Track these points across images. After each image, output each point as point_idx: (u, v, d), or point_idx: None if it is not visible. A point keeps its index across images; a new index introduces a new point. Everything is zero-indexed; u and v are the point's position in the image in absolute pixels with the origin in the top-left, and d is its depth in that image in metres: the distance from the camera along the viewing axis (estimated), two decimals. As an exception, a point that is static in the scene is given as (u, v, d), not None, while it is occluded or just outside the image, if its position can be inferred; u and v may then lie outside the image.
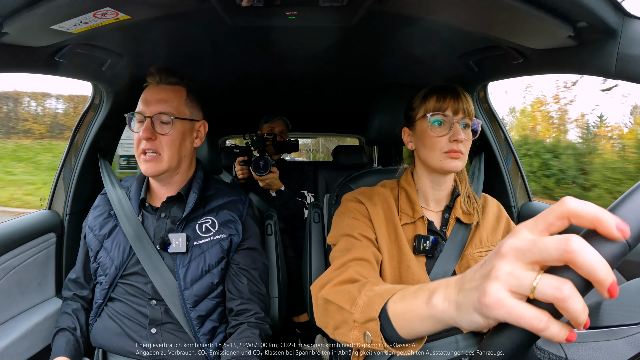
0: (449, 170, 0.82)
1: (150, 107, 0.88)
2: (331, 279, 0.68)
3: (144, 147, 0.87)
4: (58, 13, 0.65)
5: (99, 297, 0.92)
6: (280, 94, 1.76)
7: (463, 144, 0.81)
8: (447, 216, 0.88)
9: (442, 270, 0.82)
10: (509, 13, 0.66)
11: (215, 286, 0.91)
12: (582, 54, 0.73)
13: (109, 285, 0.90)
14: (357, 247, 0.76)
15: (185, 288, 0.88)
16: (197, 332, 0.88)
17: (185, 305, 0.87)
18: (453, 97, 0.81)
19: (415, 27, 0.84)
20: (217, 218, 0.95)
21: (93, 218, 0.98)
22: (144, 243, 0.90)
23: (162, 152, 0.88)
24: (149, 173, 0.89)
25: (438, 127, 0.81)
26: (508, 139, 1.33)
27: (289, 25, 0.85)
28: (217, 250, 0.92)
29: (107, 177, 1.05)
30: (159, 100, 0.89)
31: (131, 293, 0.90)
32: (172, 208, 0.94)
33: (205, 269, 0.90)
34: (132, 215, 0.93)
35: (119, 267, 0.90)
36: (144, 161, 0.88)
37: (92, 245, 0.95)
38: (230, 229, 0.95)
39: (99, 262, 0.93)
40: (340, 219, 0.86)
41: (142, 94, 0.91)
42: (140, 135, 0.86)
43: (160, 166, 0.88)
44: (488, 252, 0.85)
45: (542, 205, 1.30)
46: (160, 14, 0.75)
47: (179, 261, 0.89)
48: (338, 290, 0.63)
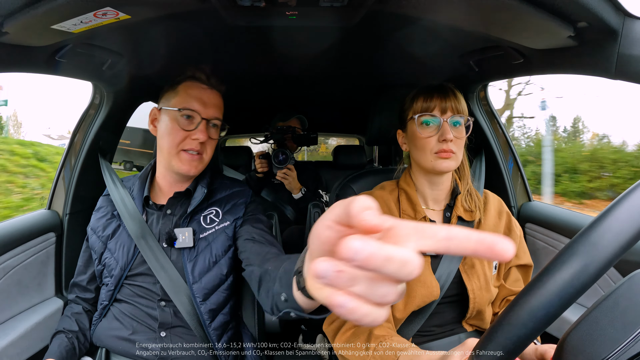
0: (441, 171, 0.82)
1: (208, 110, 0.89)
2: (339, 325, 0.77)
3: (191, 146, 0.88)
4: (58, 13, 0.65)
5: (105, 298, 0.91)
6: (280, 94, 1.76)
7: (454, 143, 0.80)
8: (448, 215, 0.88)
9: (446, 269, 0.83)
10: (509, 13, 0.66)
11: (224, 277, 0.90)
12: (582, 54, 0.73)
13: (114, 286, 0.89)
14: None
15: (194, 282, 0.87)
16: (208, 328, 0.86)
17: (195, 300, 0.86)
18: (440, 96, 0.81)
19: (416, 27, 0.84)
20: (221, 208, 0.95)
21: (96, 220, 0.97)
22: (149, 241, 0.89)
23: (204, 154, 0.91)
24: (191, 173, 0.89)
25: (426, 127, 0.81)
26: (508, 139, 1.33)
27: (289, 25, 0.85)
28: (222, 239, 0.91)
29: (109, 177, 1.04)
30: (215, 105, 0.91)
31: (139, 294, 0.89)
32: (178, 204, 0.94)
33: (212, 260, 0.89)
34: (136, 214, 0.92)
35: (124, 268, 0.89)
36: (186, 160, 0.88)
37: (95, 247, 0.94)
38: (235, 214, 0.94)
39: (104, 264, 0.92)
40: None
41: (192, 91, 0.89)
42: (196, 136, 0.87)
43: (201, 167, 0.91)
44: None
45: (542, 205, 1.30)
46: (161, 14, 0.75)
47: (187, 256, 0.88)
48: (347, 342, 0.73)
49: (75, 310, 0.96)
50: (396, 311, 0.79)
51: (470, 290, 0.82)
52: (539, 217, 1.25)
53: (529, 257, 0.91)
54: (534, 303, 0.36)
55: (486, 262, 0.85)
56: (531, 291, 0.36)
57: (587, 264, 0.34)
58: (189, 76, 0.91)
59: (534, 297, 0.36)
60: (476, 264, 0.83)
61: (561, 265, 0.35)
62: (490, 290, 0.83)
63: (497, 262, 0.87)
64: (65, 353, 0.87)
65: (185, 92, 0.89)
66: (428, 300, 0.80)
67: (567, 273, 0.34)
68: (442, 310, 0.85)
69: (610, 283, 0.97)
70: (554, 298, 0.35)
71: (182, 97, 0.89)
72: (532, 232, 1.26)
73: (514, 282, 0.91)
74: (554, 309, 0.35)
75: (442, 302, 0.83)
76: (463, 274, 0.83)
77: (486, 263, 0.85)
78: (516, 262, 0.89)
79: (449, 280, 0.82)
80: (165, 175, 0.95)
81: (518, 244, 0.90)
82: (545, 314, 0.35)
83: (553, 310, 0.35)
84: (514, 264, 0.89)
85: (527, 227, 1.28)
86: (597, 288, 0.98)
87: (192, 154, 0.88)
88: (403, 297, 0.27)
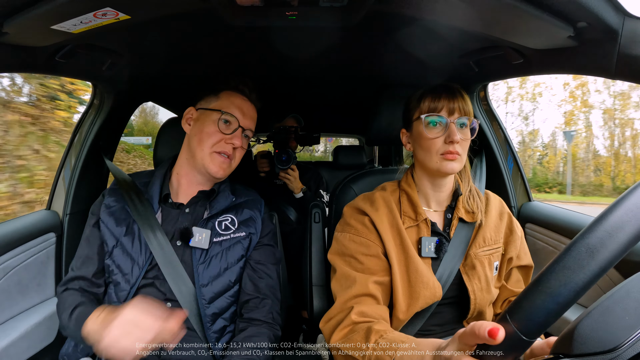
0: (446, 173, 0.81)
1: (246, 120, 0.96)
2: (338, 322, 0.76)
3: (225, 149, 0.92)
4: (58, 13, 0.65)
5: (116, 298, 0.87)
6: (280, 94, 1.76)
7: (460, 145, 0.80)
8: (449, 216, 0.88)
9: (447, 270, 0.83)
10: (509, 13, 0.66)
11: (232, 285, 0.91)
12: (582, 54, 0.73)
13: (131, 286, 0.85)
14: (357, 280, 0.78)
15: (202, 284, 0.87)
16: (208, 330, 0.87)
17: (200, 302, 0.87)
18: (448, 96, 0.80)
19: (416, 27, 0.84)
20: (237, 216, 0.97)
21: (108, 213, 0.92)
22: (163, 246, 0.87)
23: (233, 160, 0.95)
24: (219, 175, 0.92)
25: (433, 128, 0.80)
26: (508, 139, 1.33)
27: (289, 25, 0.85)
28: (238, 249, 0.93)
29: (117, 173, 1.02)
30: (252, 117, 0.98)
31: (147, 294, 0.86)
32: (198, 204, 0.95)
33: (224, 267, 0.90)
34: (152, 218, 0.90)
35: (142, 267, 0.86)
36: (220, 162, 0.92)
37: (107, 239, 0.89)
38: (250, 227, 0.96)
39: (113, 259, 0.88)
40: (342, 235, 0.86)
41: (235, 99, 0.96)
42: (232, 141, 0.92)
43: (229, 171, 0.95)
44: (491, 251, 0.86)
45: (542, 205, 1.30)
46: (161, 14, 0.75)
47: (198, 257, 0.89)
48: (346, 338, 0.71)
49: (80, 294, 0.87)
50: (399, 312, 0.79)
51: (471, 292, 0.82)
52: (539, 217, 1.25)
53: (529, 258, 0.91)
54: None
55: (487, 263, 0.85)
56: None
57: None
58: (232, 86, 0.97)
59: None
60: (477, 265, 0.83)
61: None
62: (490, 291, 0.83)
63: (497, 262, 0.87)
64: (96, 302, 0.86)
65: (228, 99, 0.95)
66: (431, 302, 0.80)
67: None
68: (443, 311, 0.85)
69: (611, 284, 0.97)
70: None
71: (224, 103, 0.95)
72: (532, 232, 1.26)
73: (516, 282, 0.91)
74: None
75: (443, 302, 0.83)
76: (464, 275, 0.83)
77: (487, 264, 0.84)
78: (517, 263, 0.89)
79: (450, 280, 0.82)
80: (189, 174, 0.96)
81: (519, 245, 0.89)
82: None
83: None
84: (515, 264, 0.89)
85: (527, 227, 1.28)
86: (598, 289, 0.98)
87: (224, 157, 0.92)
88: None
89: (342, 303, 0.77)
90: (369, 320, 0.72)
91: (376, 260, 0.81)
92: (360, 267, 0.80)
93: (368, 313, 0.74)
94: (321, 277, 1.20)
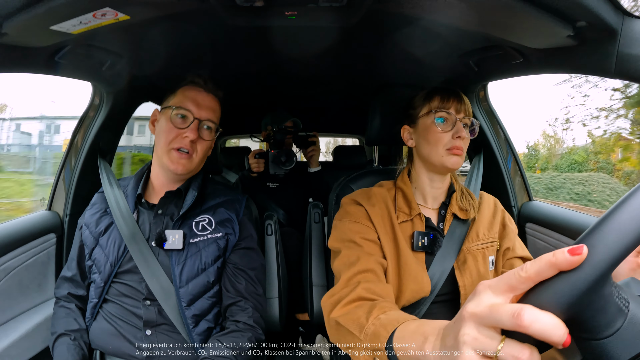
0: (449, 167, 0.84)
1: (201, 111, 0.93)
2: (341, 297, 0.71)
3: (182, 145, 0.90)
4: (58, 13, 0.65)
5: (94, 296, 0.92)
6: (280, 94, 1.76)
7: (464, 142, 0.85)
8: (443, 212, 0.90)
9: (440, 266, 0.84)
10: (509, 13, 0.66)
11: (211, 285, 0.91)
12: (581, 53, 0.73)
13: (104, 282, 0.90)
14: (361, 257, 0.78)
15: (180, 286, 0.88)
16: (192, 332, 0.88)
17: (180, 304, 0.87)
18: (456, 98, 0.86)
19: (415, 27, 0.84)
20: (213, 217, 0.96)
21: (90, 215, 0.98)
22: (139, 242, 0.90)
23: (195, 155, 0.93)
24: (179, 171, 0.91)
25: (442, 124, 0.85)
26: (508, 138, 1.33)
27: (288, 25, 0.85)
28: (213, 248, 0.92)
29: (105, 177, 1.05)
30: (209, 107, 0.95)
31: (125, 294, 0.89)
32: (170, 205, 0.95)
33: (201, 267, 0.90)
34: (128, 215, 0.94)
35: (114, 264, 0.90)
36: (177, 158, 0.91)
37: (87, 242, 0.95)
38: (227, 227, 0.96)
39: (93, 260, 0.93)
40: (341, 223, 0.87)
41: (188, 93, 0.94)
42: (186, 134, 0.90)
43: (190, 166, 0.93)
44: (485, 245, 0.87)
45: (542, 205, 1.30)
46: (160, 14, 0.75)
47: (175, 259, 0.89)
48: (348, 313, 0.67)
49: (69, 308, 0.96)
50: None
51: (462, 287, 0.83)
52: (539, 217, 1.25)
53: (527, 251, 0.93)
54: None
55: (481, 257, 0.86)
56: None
57: None
58: (188, 81, 0.97)
59: None
60: (469, 259, 0.85)
61: None
62: None
63: (493, 257, 0.89)
64: (77, 355, 0.87)
65: (182, 94, 0.94)
66: (418, 297, 0.80)
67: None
68: (436, 311, 0.85)
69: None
70: None
71: (179, 98, 0.94)
72: (532, 232, 1.26)
73: None
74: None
75: (436, 301, 0.83)
76: (456, 271, 0.84)
77: (480, 258, 0.86)
78: (515, 254, 0.91)
79: (443, 278, 0.83)
80: (159, 175, 0.97)
81: (514, 237, 0.92)
82: None
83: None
84: (512, 255, 0.91)
85: (527, 227, 1.28)
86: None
87: (182, 152, 0.91)
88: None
89: (348, 279, 0.76)
90: (375, 297, 0.70)
91: (374, 245, 0.82)
92: (361, 249, 0.81)
93: (375, 290, 0.72)
94: (321, 278, 1.20)
